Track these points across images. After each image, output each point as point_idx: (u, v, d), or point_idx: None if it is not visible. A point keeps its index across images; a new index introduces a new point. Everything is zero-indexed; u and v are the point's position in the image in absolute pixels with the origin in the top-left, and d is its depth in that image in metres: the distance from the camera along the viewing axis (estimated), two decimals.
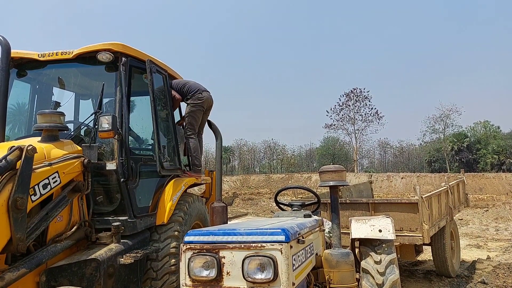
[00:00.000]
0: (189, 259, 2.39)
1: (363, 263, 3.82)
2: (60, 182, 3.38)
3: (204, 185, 5.63)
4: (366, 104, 41.29)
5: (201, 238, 2.44)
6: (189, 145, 4.94)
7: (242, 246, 2.32)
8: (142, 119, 4.61)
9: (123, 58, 4.03)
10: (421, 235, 5.21)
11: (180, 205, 4.42)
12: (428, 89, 68.60)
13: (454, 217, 7.03)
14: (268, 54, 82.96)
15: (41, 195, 3.17)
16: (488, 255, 8.35)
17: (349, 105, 41.82)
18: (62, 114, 3.76)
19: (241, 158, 49.18)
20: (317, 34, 79.60)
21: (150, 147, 4.58)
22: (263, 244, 2.29)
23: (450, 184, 6.88)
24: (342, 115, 42.12)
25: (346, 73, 72.38)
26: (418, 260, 7.60)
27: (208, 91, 5.13)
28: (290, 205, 4.10)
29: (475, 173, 28.37)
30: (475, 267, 7.17)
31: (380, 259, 3.76)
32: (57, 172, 3.34)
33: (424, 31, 75.56)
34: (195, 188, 5.66)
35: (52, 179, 3.29)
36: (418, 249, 6.30)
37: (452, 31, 73.88)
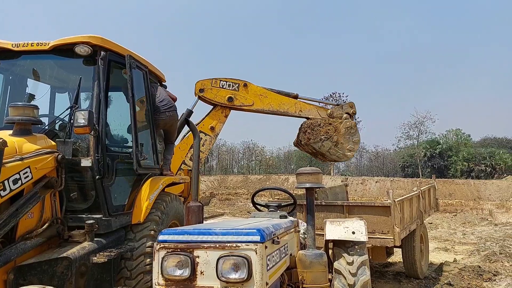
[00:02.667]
0: (163, 258, 2.38)
1: (335, 264, 3.90)
2: (32, 178, 3.29)
3: (182, 184, 5.59)
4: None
5: (176, 237, 2.44)
6: None
7: (217, 246, 2.34)
8: (120, 116, 4.54)
9: (102, 52, 3.95)
10: (392, 237, 5.36)
11: (157, 204, 4.38)
12: (404, 96, 70.46)
13: (424, 221, 7.26)
14: (247, 53, 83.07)
15: (11, 190, 3.08)
16: (455, 258, 8.67)
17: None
18: (36, 107, 3.66)
19: (219, 158, 48.95)
20: (299, 37, 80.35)
21: (128, 144, 4.52)
22: (238, 244, 2.31)
23: (421, 189, 7.11)
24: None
25: (326, 77, 73.43)
26: (389, 262, 7.80)
27: (170, 111, 4.86)
28: (267, 206, 4.14)
29: (446, 179, 29.33)
30: (442, 269, 7.43)
31: (353, 260, 3.85)
32: (28, 167, 3.25)
33: (403, 39, 77.55)
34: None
35: (24, 174, 3.20)
36: (389, 251, 6.48)
37: (429, 40, 76.15)
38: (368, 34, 79.71)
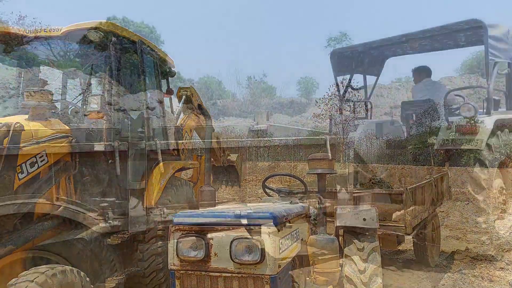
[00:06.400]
0: (178, 239, 2.42)
1: (346, 250, 3.91)
2: (48, 161, 3.36)
3: (192, 169, 5.64)
4: (355, 95, 41.46)
5: (190, 220, 2.47)
6: None
7: (231, 228, 2.36)
8: (131, 101, 4.56)
9: (114, 38, 3.96)
10: (403, 225, 5.32)
11: (168, 188, 4.43)
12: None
13: (436, 209, 7.20)
14: (263, 35, 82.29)
15: (28, 173, 3.15)
16: (466, 247, 8.59)
17: (339, 95, 41.86)
18: (50, 92, 3.70)
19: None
20: (310, 18, 79.22)
21: (140, 129, 4.55)
22: (251, 227, 2.34)
23: (434, 176, 7.03)
24: (331, 105, 42.17)
25: None
26: (399, 250, 7.80)
27: None
28: (278, 191, 4.15)
29: (459, 167, 28.92)
30: (453, 258, 7.38)
31: (363, 247, 3.85)
32: (44, 151, 3.31)
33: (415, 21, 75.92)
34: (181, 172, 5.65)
35: (40, 158, 3.27)
36: (399, 239, 6.46)
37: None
38: (379, 13, 78.15)
